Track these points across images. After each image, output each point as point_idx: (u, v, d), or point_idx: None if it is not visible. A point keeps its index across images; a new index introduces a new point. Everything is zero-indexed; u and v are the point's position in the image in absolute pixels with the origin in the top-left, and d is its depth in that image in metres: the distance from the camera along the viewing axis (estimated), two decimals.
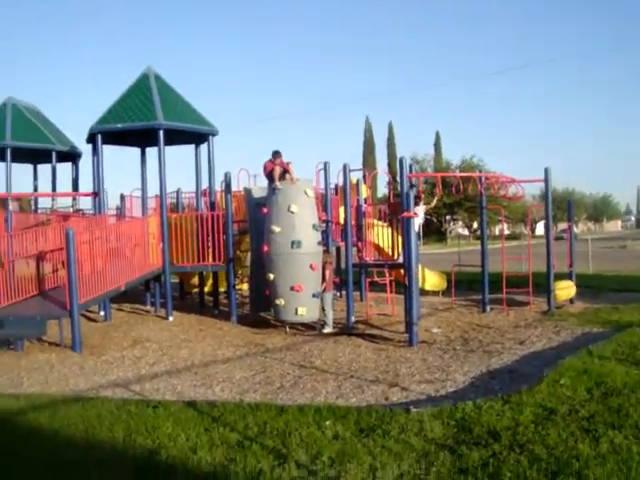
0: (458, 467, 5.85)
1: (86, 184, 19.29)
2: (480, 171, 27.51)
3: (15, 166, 20.37)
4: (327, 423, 7.24)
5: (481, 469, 5.76)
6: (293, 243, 14.05)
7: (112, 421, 7.61)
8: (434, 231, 74.94)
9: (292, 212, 14.13)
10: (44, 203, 22.65)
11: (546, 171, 15.65)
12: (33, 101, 21.66)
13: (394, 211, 16.66)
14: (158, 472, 6.05)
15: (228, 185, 16.13)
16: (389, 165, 72.91)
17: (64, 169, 21.95)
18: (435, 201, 20.88)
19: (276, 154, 14.69)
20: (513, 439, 6.45)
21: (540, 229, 68.31)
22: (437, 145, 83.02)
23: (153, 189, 18.45)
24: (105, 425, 7.46)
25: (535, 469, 5.68)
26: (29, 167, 22.92)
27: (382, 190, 67.76)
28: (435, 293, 19.29)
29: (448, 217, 76.24)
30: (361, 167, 23.63)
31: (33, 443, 7.04)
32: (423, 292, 17.73)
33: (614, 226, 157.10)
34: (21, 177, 54.97)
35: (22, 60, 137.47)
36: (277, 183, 14.35)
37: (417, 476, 5.71)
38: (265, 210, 14.74)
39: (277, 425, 7.25)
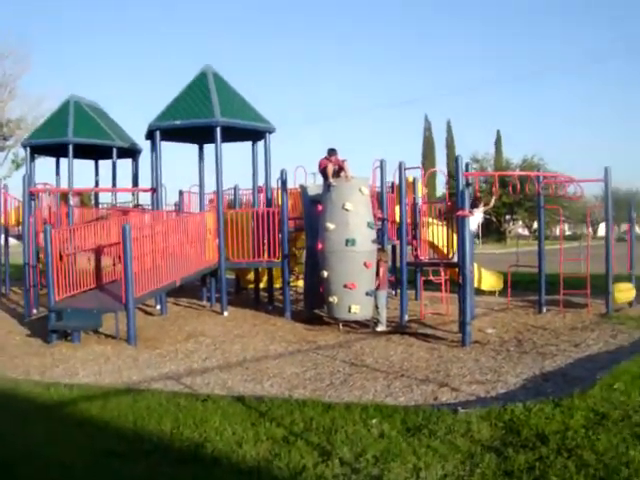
0: (503, 469, 5.78)
1: (146, 180, 19.61)
2: (539, 170, 27.06)
3: (77, 162, 20.88)
4: (373, 421, 7.23)
5: (527, 472, 5.69)
6: (347, 241, 14.01)
7: (161, 413, 7.74)
8: (493, 231, 73.95)
9: (346, 210, 14.09)
10: (105, 198, 23.11)
11: (606, 171, 15.34)
12: (94, 98, 21.97)
13: (450, 210, 16.52)
14: (203, 465, 6.12)
15: (284, 182, 16.19)
16: (448, 165, 72.18)
17: (124, 165, 22.35)
18: (493, 200, 20.61)
19: (331, 151, 14.71)
20: (562, 443, 6.34)
21: (603, 230, 67.04)
22: (498, 144, 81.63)
23: (211, 185, 18.64)
24: (154, 417, 7.59)
25: (582, 474, 5.58)
26: (91, 163, 23.39)
27: (441, 189, 67.35)
28: (492, 293, 19.06)
29: (508, 217, 75.13)
30: (419, 165, 23.49)
31: (82, 433, 7.19)
32: (479, 292, 17.54)
33: None
34: (83, 173, 56.22)
35: (85, 58, 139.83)
36: (331, 180, 14.36)
37: (461, 477, 5.67)
38: (320, 207, 14.76)
39: (323, 422, 7.27)
